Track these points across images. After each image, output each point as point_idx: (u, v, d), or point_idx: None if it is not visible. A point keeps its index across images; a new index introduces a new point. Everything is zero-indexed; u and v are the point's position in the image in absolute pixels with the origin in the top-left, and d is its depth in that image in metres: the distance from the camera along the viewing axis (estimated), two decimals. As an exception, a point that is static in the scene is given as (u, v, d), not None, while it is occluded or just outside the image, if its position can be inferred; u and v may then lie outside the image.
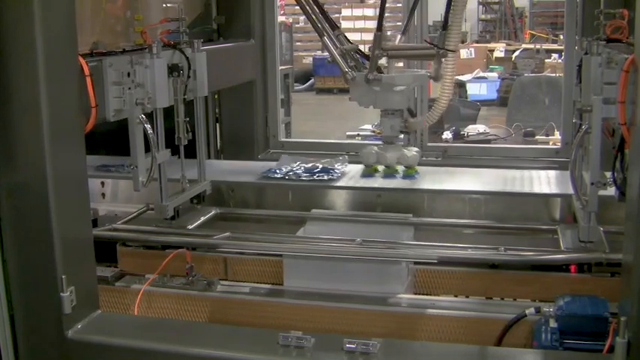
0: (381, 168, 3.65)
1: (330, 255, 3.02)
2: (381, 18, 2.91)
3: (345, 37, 3.13)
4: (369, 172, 3.52)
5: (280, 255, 3.13)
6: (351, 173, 3.87)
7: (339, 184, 3.75)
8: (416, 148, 3.51)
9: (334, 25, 3.13)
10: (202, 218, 3.68)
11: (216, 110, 4.89)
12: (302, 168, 3.86)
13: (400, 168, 3.61)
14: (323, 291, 2.99)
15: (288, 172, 3.84)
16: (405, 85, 2.92)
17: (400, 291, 2.96)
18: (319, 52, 16.94)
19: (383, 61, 3.05)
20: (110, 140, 3.66)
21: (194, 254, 3.17)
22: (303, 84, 16.20)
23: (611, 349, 2.22)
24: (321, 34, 2.96)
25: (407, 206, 3.76)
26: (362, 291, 2.95)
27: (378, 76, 2.86)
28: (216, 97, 4.85)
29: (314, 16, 3.15)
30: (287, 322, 2.83)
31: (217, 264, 3.26)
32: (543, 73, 12.82)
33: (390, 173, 3.53)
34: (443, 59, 2.85)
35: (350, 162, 4.01)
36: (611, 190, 2.81)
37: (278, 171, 3.87)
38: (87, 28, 3.38)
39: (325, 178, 3.74)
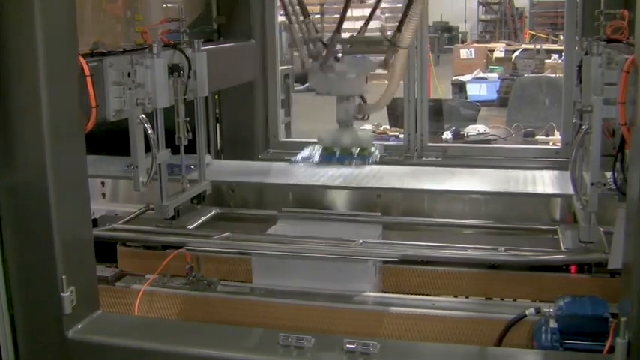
0: (337, 150, 3.68)
1: (295, 254, 3.04)
2: (341, 20, 3.07)
3: (314, 25, 3.27)
4: (327, 153, 3.58)
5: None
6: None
7: (339, 184, 3.75)
8: (370, 132, 3.57)
9: (305, 13, 3.27)
10: (202, 218, 3.69)
11: (216, 110, 4.89)
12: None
13: (355, 150, 3.65)
14: (291, 289, 3.01)
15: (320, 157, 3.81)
16: (356, 72, 3.11)
17: (366, 289, 2.97)
18: (319, 53, 16.92)
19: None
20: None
21: (194, 254, 3.17)
22: (303, 84, 16.21)
23: (611, 350, 2.22)
24: (290, 20, 3.10)
25: (407, 206, 3.77)
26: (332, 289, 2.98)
27: (331, 67, 3.08)
28: (216, 97, 4.84)
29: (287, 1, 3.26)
30: (287, 322, 2.83)
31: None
32: (543, 74, 12.81)
33: (345, 155, 3.58)
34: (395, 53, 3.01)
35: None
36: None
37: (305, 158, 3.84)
38: (87, 28, 3.38)
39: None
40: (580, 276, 2.99)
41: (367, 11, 3.60)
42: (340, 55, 3.15)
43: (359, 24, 3.32)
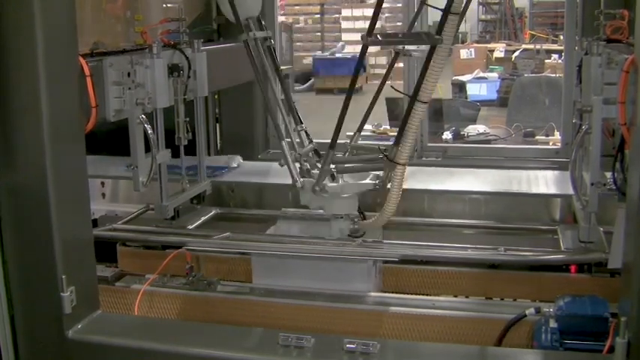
0: None
1: (295, 254, 3.04)
2: (333, 140, 3.02)
3: (307, 133, 3.24)
4: None
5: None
6: None
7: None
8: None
9: (298, 120, 3.25)
10: (202, 218, 3.69)
11: (216, 110, 4.89)
12: None
13: None
14: (290, 289, 3.01)
15: None
16: (350, 194, 3.07)
17: (366, 289, 2.97)
18: (319, 53, 16.97)
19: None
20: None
21: (194, 254, 3.17)
22: (303, 84, 16.20)
23: (611, 350, 2.22)
24: (282, 137, 3.07)
25: (407, 206, 3.77)
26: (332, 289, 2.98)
27: (323, 188, 3.04)
28: (216, 97, 4.85)
29: (280, 109, 3.25)
30: (287, 322, 2.83)
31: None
32: (543, 74, 12.81)
33: None
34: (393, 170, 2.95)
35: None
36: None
37: None
38: (87, 28, 3.37)
39: None
40: (580, 276, 2.99)
41: (367, 11, 3.59)
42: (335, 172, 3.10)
43: (359, 24, 3.31)
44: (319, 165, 3.09)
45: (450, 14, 2.70)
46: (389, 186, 2.99)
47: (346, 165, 3.14)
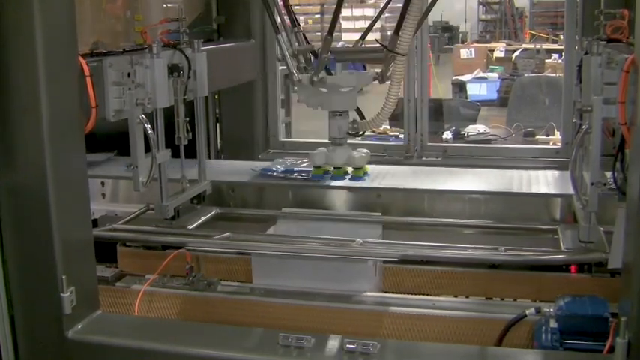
0: (330, 169, 3.62)
1: (295, 254, 3.04)
2: (334, 22, 2.89)
3: (304, 35, 3.13)
4: (318, 173, 3.50)
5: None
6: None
7: (339, 184, 3.75)
8: (365, 150, 3.46)
9: (294, 22, 3.13)
10: (202, 218, 3.69)
11: (216, 110, 4.89)
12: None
13: (349, 169, 3.58)
14: (290, 289, 3.01)
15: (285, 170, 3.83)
16: (350, 87, 2.90)
17: (366, 289, 2.97)
18: (319, 53, 16.92)
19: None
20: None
21: (194, 254, 3.17)
22: (303, 84, 16.19)
23: (611, 350, 2.22)
24: (278, 31, 2.94)
25: (407, 206, 3.77)
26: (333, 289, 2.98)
27: (322, 78, 2.84)
28: (216, 97, 4.85)
29: (275, 11, 3.12)
30: (287, 322, 2.83)
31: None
32: (543, 74, 12.81)
33: (339, 175, 3.52)
34: (393, 62, 2.82)
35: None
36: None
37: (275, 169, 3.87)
38: (87, 28, 3.38)
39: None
40: (580, 276, 2.99)
41: (367, 11, 3.56)
42: (334, 66, 2.97)
43: (359, 24, 3.30)
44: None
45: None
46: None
47: (345, 54, 2.98)
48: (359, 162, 3.07)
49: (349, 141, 3.44)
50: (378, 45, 2.90)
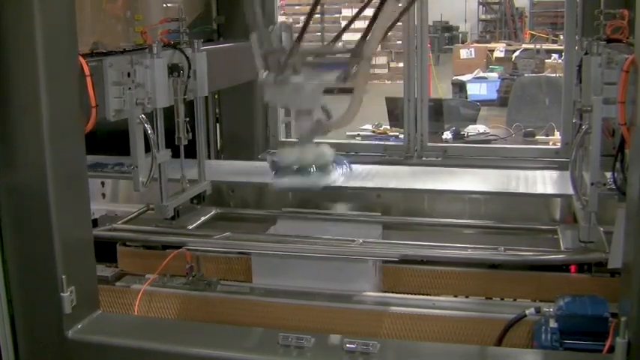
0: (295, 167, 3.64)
1: (295, 254, 3.04)
2: (303, 30, 2.96)
3: (278, 36, 3.19)
4: (283, 173, 3.54)
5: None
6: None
7: (339, 184, 3.74)
8: (328, 148, 3.54)
9: (271, 21, 3.18)
10: (202, 218, 3.68)
11: (216, 110, 4.89)
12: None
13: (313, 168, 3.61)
14: (291, 289, 3.01)
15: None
16: (313, 87, 2.98)
17: (366, 289, 2.97)
18: (319, 52, 16.93)
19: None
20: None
21: (194, 254, 3.17)
22: (303, 84, 16.20)
23: (611, 350, 2.22)
24: (253, 29, 3.00)
25: (407, 206, 3.77)
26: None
27: (285, 77, 2.91)
28: (216, 97, 4.85)
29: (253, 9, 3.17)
30: (287, 322, 2.83)
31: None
32: (543, 74, 12.81)
33: (302, 173, 3.54)
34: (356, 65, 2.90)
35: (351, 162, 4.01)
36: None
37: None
38: (87, 28, 3.38)
39: None
40: (580, 276, 2.99)
41: (367, 11, 3.57)
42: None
43: (359, 24, 3.28)
44: None
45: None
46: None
47: (310, 58, 3.03)
48: (324, 159, 3.13)
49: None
50: (342, 46, 2.95)
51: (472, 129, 7.95)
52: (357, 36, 3.18)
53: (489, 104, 12.29)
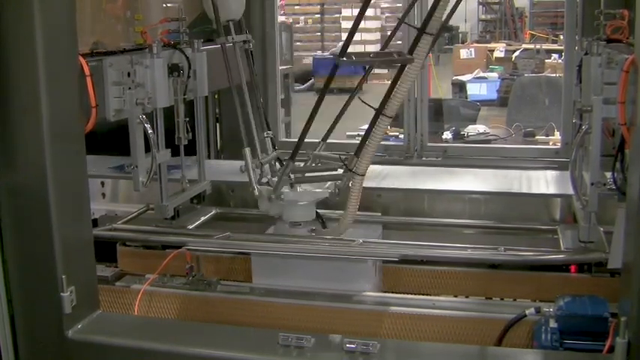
0: None
1: (295, 254, 3.05)
2: (294, 151, 3.08)
3: (272, 140, 3.33)
4: None
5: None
6: None
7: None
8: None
9: (266, 127, 3.36)
10: (202, 218, 3.69)
11: (216, 110, 4.89)
12: None
13: None
14: (291, 289, 3.01)
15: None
16: (306, 202, 3.18)
17: (366, 289, 2.98)
18: (319, 52, 16.96)
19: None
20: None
21: (194, 254, 3.17)
22: (303, 84, 16.20)
23: (611, 349, 2.22)
24: (244, 145, 3.17)
25: (407, 206, 3.77)
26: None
27: (280, 196, 3.14)
28: (216, 97, 4.84)
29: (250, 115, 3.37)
30: (287, 322, 2.83)
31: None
32: (543, 74, 12.82)
33: None
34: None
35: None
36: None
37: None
38: (87, 28, 3.37)
39: None
40: (580, 276, 2.99)
41: (368, 11, 3.59)
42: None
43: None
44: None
45: (425, 34, 2.75)
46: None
47: (305, 174, 3.20)
48: None
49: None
50: (339, 164, 3.10)
51: (472, 129, 7.96)
52: (357, 36, 3.23)
53: (489, 104, 12.30)
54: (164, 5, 4.15)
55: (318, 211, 3.30)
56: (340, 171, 3.07)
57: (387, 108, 2.87)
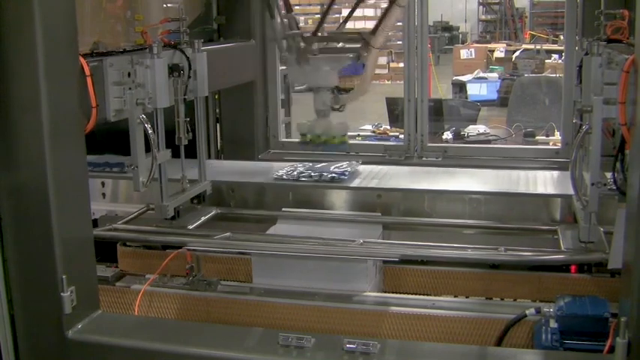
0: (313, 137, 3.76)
1: (295, 254, 3.05)
2: (322, 19, 3.28)
3: (295, 19, 3.41)
4: (303, 140, 3.65)
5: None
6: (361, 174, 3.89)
7: (339, 184, 3.76)
8: (345, 123, 3.68)
9: (290, 8, 3.41)
10: (202, 218, 3.68)
11: (217, 110, 4.89)
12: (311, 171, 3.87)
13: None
14: (291, 289, 3.01)
15: (299, 173, 3.85)
16: (329, 67, 3.28)
17: (366, 289, 2.97)
18: (319, 53, 16.92)
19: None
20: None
21: (194, 254, 3.17)
22: (304, 84, 16.23)
23: (612, 350, 2.22)
24: (272, 14, 3.22)
25: (407, 206, 3.77)
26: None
27: (306, 58, 3.25)
28: (216, 97, 4.84)
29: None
30: (287, 322, 2.83)
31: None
32: (543, 74, 12.83)
33: (319, 142, 3.65)
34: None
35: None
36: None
37: (286, 174, 3.87)
38: (87, 28, 3.38)
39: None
40: (580, 276, 2.99)
41: (367, 11, 3.66)
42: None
43: (359, 24, 3.42)
44: None
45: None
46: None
47: (327, 44, 3.30)
48: (338, 131, 3.35)
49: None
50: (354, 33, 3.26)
51: (472, 129, 7.96)
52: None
53: (489, 104, 12.31)
54: (164, 5, 4.15)
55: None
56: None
57: None
